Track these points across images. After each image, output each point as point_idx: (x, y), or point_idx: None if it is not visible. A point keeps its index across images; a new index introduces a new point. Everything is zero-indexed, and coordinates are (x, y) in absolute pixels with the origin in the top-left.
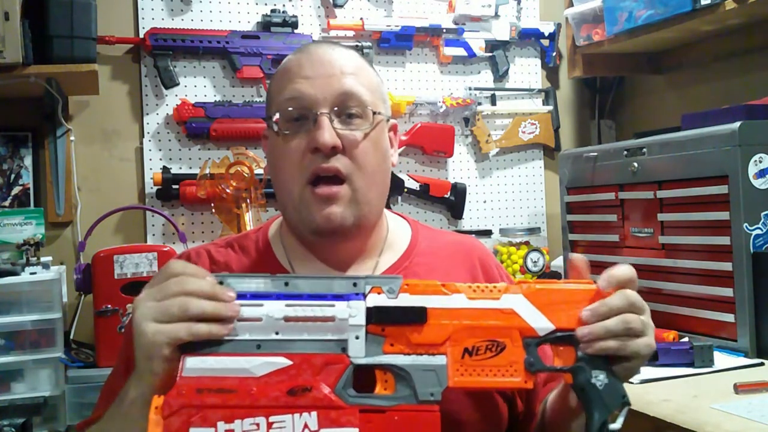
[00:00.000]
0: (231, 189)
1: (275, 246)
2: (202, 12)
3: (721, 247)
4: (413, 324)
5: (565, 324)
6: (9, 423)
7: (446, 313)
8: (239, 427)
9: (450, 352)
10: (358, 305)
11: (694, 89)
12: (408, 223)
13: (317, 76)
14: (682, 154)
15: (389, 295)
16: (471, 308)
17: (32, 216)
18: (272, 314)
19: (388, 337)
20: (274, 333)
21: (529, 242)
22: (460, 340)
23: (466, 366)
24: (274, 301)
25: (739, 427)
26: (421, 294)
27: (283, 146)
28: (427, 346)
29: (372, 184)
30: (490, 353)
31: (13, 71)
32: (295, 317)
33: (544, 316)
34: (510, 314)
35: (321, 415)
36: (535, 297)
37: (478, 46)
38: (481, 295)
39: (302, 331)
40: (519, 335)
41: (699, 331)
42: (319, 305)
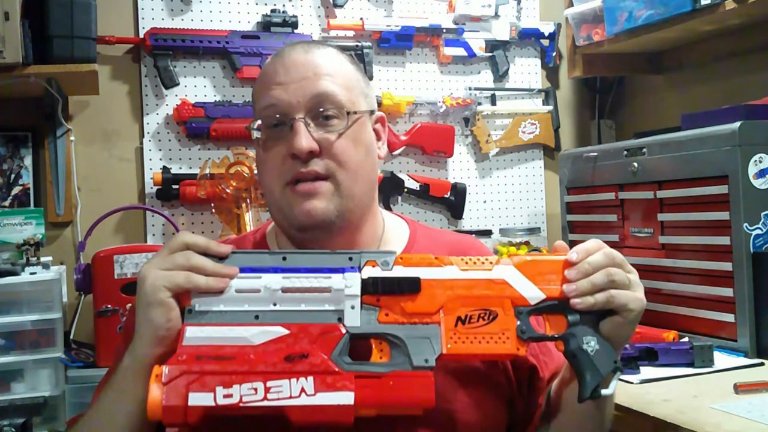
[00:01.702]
0: (231, 189)
1: (272, 246)
2: (202, 12)
3: (721, 247)
4: (407, 294)
5: (555, 293)
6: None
7: (439, 283)
8: (237, 392)
9: (443, 321)
10: (354, 276)
11: (694, 89)
12: (406, 223)
13: (290, 81)
14: (682, 154)
15: (384, 267)
16: (463, 279)
17: (32, 216)
18: (270, 285)
19: (383, 307)
20: (272, 304)
21: (529, 242)
22: (453, 309)
23: (459, 334)
24: (272, 274)
25: (739, 427)
26: (415, 266)
27: (265, 153)
28: (421, 315)
29: (356, 178)
30: (482, 321)
31: (13, 71)
32: (292, 288)
33: (534, 286)
34: (501, 284)
35: (317, 380)
36: (525, 268)
37: (478, 46)
38: (473, 267)
39: (299, 301)
40: (511, 304)
41: (699, 331)
42: (315, 277)
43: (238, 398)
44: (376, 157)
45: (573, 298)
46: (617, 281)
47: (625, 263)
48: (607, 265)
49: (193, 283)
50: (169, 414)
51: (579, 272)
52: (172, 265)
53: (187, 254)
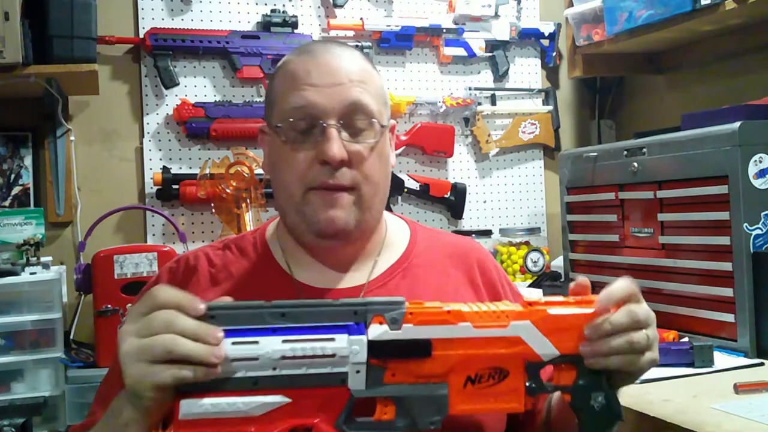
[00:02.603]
0: (231, 189)
1: (273, 247)
2: (202, 12)
3: (721, 247)
4: (417, 358)
5: (570, 349)
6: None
7: (451, 343)
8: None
9: (452, 381)
10: (360, 340)
11: (694, 89)
12: (407, 224)
13: (325, 85)
14: (682, 154)
15: (392, 325)
16: (477, 337)
17: (32, 216)
18: (269, 354)
19: (389, 368)
20: (271, 369)
21: (529, 242)
22: (464, 369)
23: (468, 394)
24: (270, 336)
25: (739, 427)
26: (426, 324)
27: (289, 154)
28: (429, 377)
29: (377, 191)
30: (492, 381)
31: (13, 71)
32: (292, 356)
33: (549, 343)
34: (516, 342)
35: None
36: (543, 323)
37: (478, 46)
38: (488, 322)
39: (301, 365)
40: (523, 361)
41: (699, 331)
42: (318, 340)
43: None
44: (390, 168)
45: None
46: (636, 346)
47: (647, 320)
48: (629, 328)
49: (179, 380)
50: None
51: (598, 332)
52: (153, 358)
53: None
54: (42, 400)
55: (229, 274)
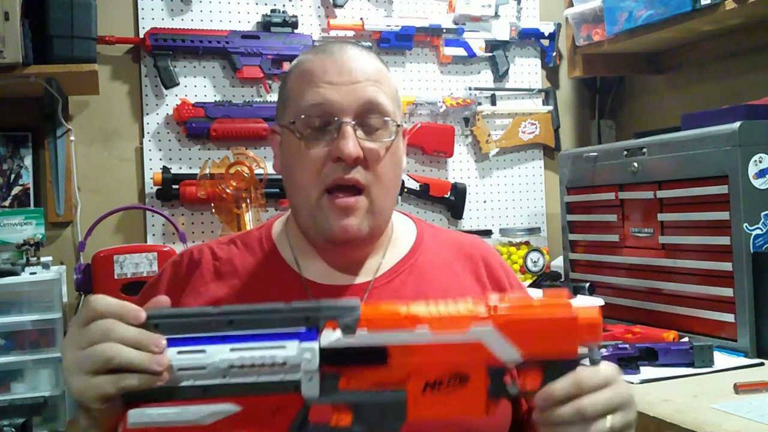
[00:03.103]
0: (231, 189)
1: (280, 245)
2: (202, 12)
3: (721, 247)
4: (372, 365)
5: (536, 355)
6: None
7: (408, 349)
8: None
9: (410, 387)
10: (311, 347)
11: (694, 89)
12: (413, 222)
13: (342, 83)
14: (682, 154)
15: (346, 332)
16: (435, 344)
17: (32, 216)
18: (216, 364)
19: (344, 374)
20: (221, 377)
21: (529, 242)
22: (422, 374)
23: (427, 399)
24: (217, 345)
25: (739, 427)
26: (381, 329)
27: (303, 151)
28: (385, 384)
29: (387, 194)
30: (452, 386)
31: (13, 71)
32: (241, 366)
33: (513, 347)
34: (476, 347)
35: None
36: (506, 327)
37: (478, 46)
38: (447, 326)
39: (251, 374)
40: (485, 365)
41: (699, 331)
42: (268, 348)
43: None
44: (401, 171)
45: None
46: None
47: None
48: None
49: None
50: None
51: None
52: (94, 369)
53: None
54: (42, 400)
55: (233, 267)
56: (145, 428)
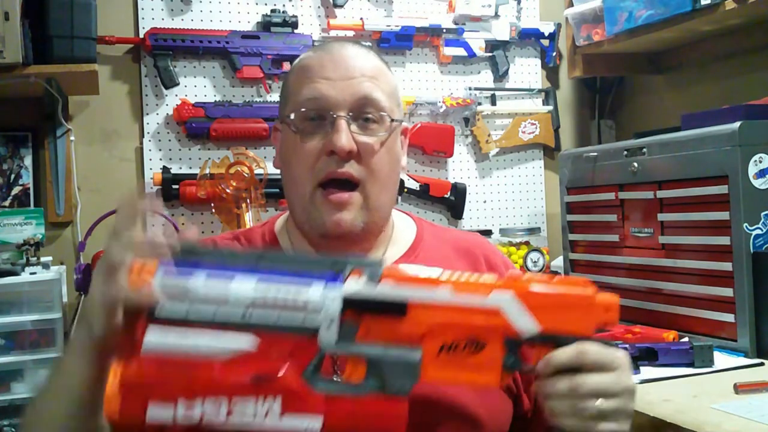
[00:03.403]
0: (231, 189)
1: (282, 241)
2: (202, 12)
3: (721, 247)
4: (391, 316)
5: (552, 327)
6: (9, 423)
7: (428, 306)
8: (199, 407)
9: (427, 346)
10: (335, 291)
11: (694, 89)
12: (413, 221)
13: (338, 78)
14: (682, 154)
15: (369, 281)
16: (455, 304)
17: (32, 216)
18: (241, 293)
19: (363, 325)
20: (242, 313)
21: (529, 242)
22: (439, 335)
23: (442, 361)
24: (246, 274)
25: (739, 427)
26: (404, 283)
27: (298, 145)
28: (403, 338)
29: (383, 189)
30: (468, 350)
31: (13, 71)
32: (263, 300)
33: (531, 318)
34: (495, 313)
35: (286, 401)
36: (527, 298)
37: (478, 46)
38: (468, 290)
39: (272, 313)
40: (501, 335)
41: (699, 331)
42: (293, 285)
43: (199, 416)
44: (400, 169)
45: None
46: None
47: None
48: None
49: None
50: (125, 423)
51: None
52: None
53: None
54: None
55: None
56: (159, 354)
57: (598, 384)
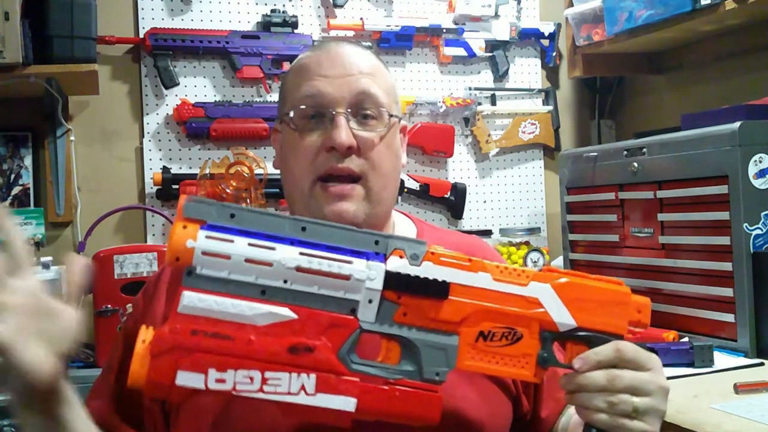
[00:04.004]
0: (231, 189)
1: None
2: (202, 12)
3: (721, 247)
4: (433, 298)
5: (588, 323)
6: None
7: (469, 291)
8: (231, 378)
9: (464, 333)
10: (378, 267)
11: (694, 89)
12: (413, 223)
13: (336, 75)
14: (682, 154)
15: (412, 260)
16: (495, 291)
17: (32, 216)
18: (284, 261)
19: (402, 305)
20: (282, 281)
21: (529, 242)
22: (477, 322)
23: (478, 350)
24: (288, 246)
25: (739, 427)
26: (446, 266)
27: (297, 142)
28: (441, 323)
29: (386, 184)
30: (505, 341)
31: (13, 71)
32: (308, 269)
33: (568, 312)
34: (534, 303)
35: (320, 379)
36: (563, 290)
37: (478, 46)
38: (508, 278)
39: (313, 283)
40: (538, 327)
41: (699, 331)
42: (336, 259)
43: (231, 385)
44: (401, 165)
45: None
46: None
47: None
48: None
49: None
50: (152, 389)
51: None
52: None
53: None
54: None
55: None
56: (196, 315)
57: (634, 380)
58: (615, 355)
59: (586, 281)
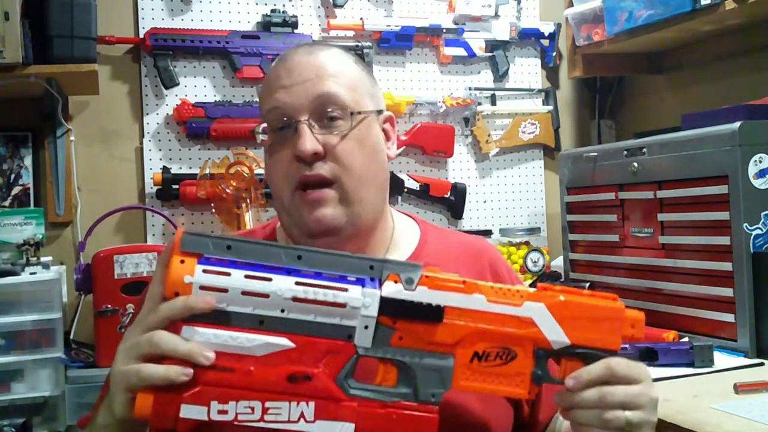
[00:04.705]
0: (231, 189)
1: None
2: (202, 12)
3: (721, 247)
4: (427, 322)
5: (581, 341)
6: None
7: (463, 313)
8: (233, 409)
9: (459, 355)
10: (373, 294)
11: (694, 89)
12: (416, 223)
13: (294, 84)
14: (682, 154)
15: (407, 285)
16: (489, 312)
17: (32, 216)
18: (281, 292)
19: (398, 330)
20: (279, 311)
21: (529, 242)
22: (472, 343)
23: (473, 371)
24: (284, 276)
25: (740, 427)
26: (440, 290)
27: (272, 156)
28: (436, 345)
29: (363, 182)
30: (500, 360)
31: (13, 71)
32: (304, 299)
33: (561, 330)
34: (528, 323)
35: (319, 406)
36: (557, 309)
37: (478, 46)
38: (503, 299)
39: (309, 312)
40: (532, 345)
41: (699, 331)
42: (331, 287)
43: (233, 416)
44: (384, 158)
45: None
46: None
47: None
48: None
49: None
50: (157, 421)
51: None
52: (138, 354)
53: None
54: (42, 400)
55: None
56: None
57: (626, 395)
58: (606, 373)
59: (580, 299)
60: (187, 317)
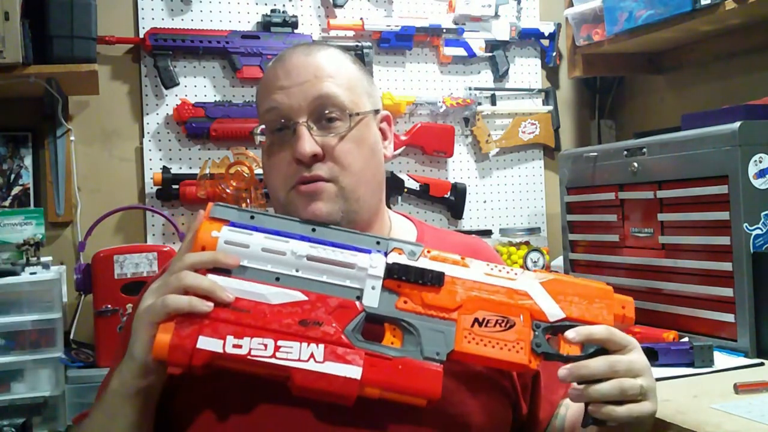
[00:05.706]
0: (231, 189)
1: None
2: (202, 12)
3: (721, 247)
4: (429, 286)
5: (576, 316)
6: (9, 423)
7: (462, 282)
8: (247, 344)
9: (460, 319)
10: (379, 259)
11: (694, 89)
12: (413, 224)
13: (291, 85)
14: (682, 154)
15: (410, 257)
16: (487, 283)
17: (32, 216)
18: (296, 251)
19: (402, 294)
20: (294, 270)
21: (529, 242)
22: (472, 310)
23: (474, 334)
24: (299, 240)
25: (740, 427)
26: (441, 261)
27: (271, 157)
28: (439, 309)
29: (361, 181)
30: (499, 327)
31: (13, 71)
32: (317, 257)
33: (556, 304)
34: (523, 295)
35: (328, 349)
36: (550, 285)
37: (478, 46)
38: (498, 275)
39: (322, 272)
40: (530, 317)
41: (699, 331)
42: (341, 251)
43: (246, 350)
44: (381, 157)
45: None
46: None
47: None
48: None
49: (174, 309)
50: (174, 353)
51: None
52: (164, 290)
53: (181, 275)
54: (42, 400)
55: None
56: None
57: (630, 362)
58: (607, 333)
59: (570, 278)
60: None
